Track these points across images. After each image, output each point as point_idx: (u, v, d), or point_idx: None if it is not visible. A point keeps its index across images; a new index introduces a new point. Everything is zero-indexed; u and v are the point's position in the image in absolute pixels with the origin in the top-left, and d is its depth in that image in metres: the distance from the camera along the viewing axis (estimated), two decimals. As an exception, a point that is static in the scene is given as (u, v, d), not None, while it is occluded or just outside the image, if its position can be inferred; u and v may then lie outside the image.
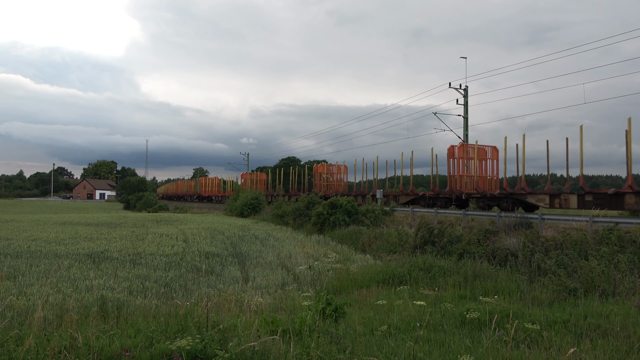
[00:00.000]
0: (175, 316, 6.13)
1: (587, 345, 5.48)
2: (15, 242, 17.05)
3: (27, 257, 13.68)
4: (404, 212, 24.83)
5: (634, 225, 13.84)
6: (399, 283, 10.24)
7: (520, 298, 8.55)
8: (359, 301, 8.85)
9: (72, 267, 12.28)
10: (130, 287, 10.12)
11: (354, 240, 19.42)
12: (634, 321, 6.36)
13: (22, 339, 5.00)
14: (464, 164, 25.23)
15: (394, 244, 16.11)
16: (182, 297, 9.39)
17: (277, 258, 15.59)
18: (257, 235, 22.07)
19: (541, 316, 6.73)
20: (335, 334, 5.36)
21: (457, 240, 14.41)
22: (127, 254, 14.77)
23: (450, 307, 7.20)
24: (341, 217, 23.51)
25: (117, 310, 7.34)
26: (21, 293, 9.03)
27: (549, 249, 12.08)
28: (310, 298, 7.79)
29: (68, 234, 20.19)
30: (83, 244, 16.78)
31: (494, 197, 22.53)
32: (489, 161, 25.56)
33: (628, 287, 8.58)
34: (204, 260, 14.55)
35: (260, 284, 11.46)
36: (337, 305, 6.04)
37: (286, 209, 30.29)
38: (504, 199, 21.93)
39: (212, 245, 17.95)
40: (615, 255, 10.26)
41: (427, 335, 5.93)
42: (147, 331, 5.30)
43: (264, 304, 8.78)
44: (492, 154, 25.61)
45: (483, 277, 10.06)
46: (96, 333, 5.14)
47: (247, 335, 5.15)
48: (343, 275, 11.61)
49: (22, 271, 11.53)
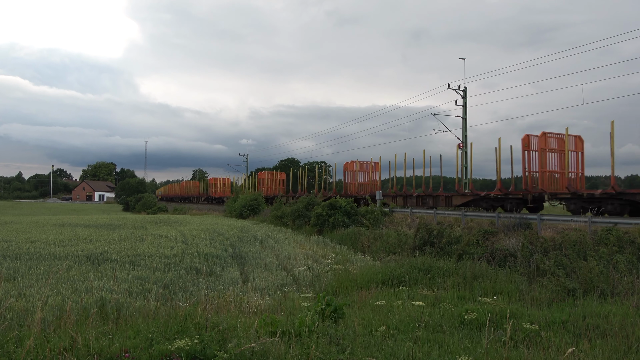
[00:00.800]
0: (175, 317, 6.13)
1: (585, 345, 5.49)
2: (14, 243, 17.04)
3: (26, 259, 13.67)
4: (403, 213, 24.81)
5: (632, 225, 13.87)
6: (398, 284, 10.25)
7: (519, 298, 8.57)
8: (358, 302, 8.86)
9: (72, 269, 12.28)
10: (130, 289, 10.12)
11: (354, 241, 19.43)
12: (632, 321, 6.37)
13: (22, 340, 5.00)
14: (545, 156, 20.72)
15: (393, 244, 16.12)
16: (181, 299, 9.40)
17: (277, 259, 15.59)
18: (256, 237, 22.07)
19: (540, 316, 6.74)
20: (335, 334, 5.37)
21: (456, 241, 14.42)
22: (126, 256, 14.76)
23: (449, 308, 7.21)
24: (340, 218, 23.52)
25: (117, 311, 7.34)
26: (20, 295, 9.03)
27: (548, 250, 12.10)
28: (310, 299, 7.80)
29: (67, 236, 20.17)
30: (82, 246, 16.77)
31: (593, 198, 18.32)
32: (572, 154, 20.74)
33: (627, 288, 8.60)
34: (204, 262, 14.55)
35: (260, 285, 11.46)
36: (336, 306, 6.05)
37: (285, 210, 30.31)
38: (608, 200, 17.79)
39: (211, 246, 17.94)
40: (614, 256, 10.27)
41: (426, 336, 5.94)
42: (147, 332, 5.30)
43: (263, 305, 8.79)
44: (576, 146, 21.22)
45: (482, 278, 10.07)
46: (96, 334, 5.14)
47: (246, 336, 5.16)
48: (342, 276, 11.62)
49: (21, 273, 11.53)
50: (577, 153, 21.21)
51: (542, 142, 20.77)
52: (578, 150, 21.26)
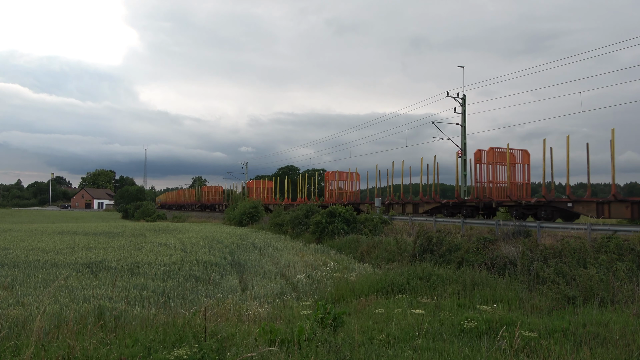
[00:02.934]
0: (173, 326, 6.11)
1: (586, 353, 5.47)
2: (12, 251, 16.99)
3: (25, 267, 13.62)
4: (402, 221, 24.81)
5: (632, 233, 13.86)
6: (397, 292, 10.22)
7: (519, 306, 8.54)
8: (358, 310, 8.83)
9: (70, 277, 12.23)
10: (129, 297, 10.07)
11: (353, 249, 19.39)
12: (632, 329, 6.35)
13: (20, 349, 4.97)
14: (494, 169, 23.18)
15: (393, 252, 16.08)
16: (180, 307, 9.35)
17: (276, 267, 15.55)
18: (255, 244, 22.02)
19: (540, 324, 6.71)
20: (334, 343, 5.35)
21: (456, 249, 14.40)
22: (125, 264, 14.72)
23: (449, 316, 7.18)
24: (340, 226, 23.49)
25: (115, 320, 7.30)
26: (18, 303, 8.98)
27: (548, 257, 12.08)
28: (309, 307, 7.78)
29: (66, 244, 20.12)
30: (81, 254, 16.72)
31: (530, 206, 20.64)
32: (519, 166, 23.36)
33: (627, 295, 8.58)
34: (203, 270, 14.51)
35: (259, 293, 11.42)
36: (335, 314, 6.03)
37: (285, 218, 30.27)
38: (542, 208, 20.04)
39: (210, 254, 17.90)
40: (614, 264, 10.26)
41: (425, 344, 5.91)
42: (145, 341, 5.28)
43: (262, 313, 8.75)
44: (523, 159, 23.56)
45: (482, 286, 10.05)
46: (94, 343, 5.12)
47: (245, 345, 5.14)
48: (342, 284, 11.58)
49: (19, 281, 11.49)
50: (523, 165, 23.68)
51: (490, 156, 23.18)
52: (525, 163, 23.70)
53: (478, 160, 23.21)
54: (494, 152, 23.37)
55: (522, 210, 21.01)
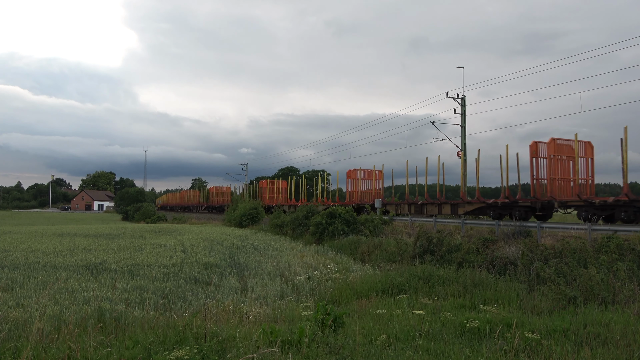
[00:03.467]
0: (174, 327, 6.10)
1: (587, 354, 5.46)
2: (12, 253, 16.98)
3: (25, 269, 13.61)
4: (402, 222, 24.78)
5: (632, 233, 13.86)
6: (398, 292, 10.22)
7: (519, 307, 8.53)
8: (358, 311, 8.82)
9: (70, 279, 12.22)
10: (129, 299, 10.07)
11: (353, 250, 19.38)
12: (633, 329, 6.35)
13: (20, 351, 4.96)
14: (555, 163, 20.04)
15: (393, 253, 16.08)
16: (180, 308, 9.35)
17: (276, 268, 15.54)
18: (255, 246, 22.01)
19: (541, 325, 6.71)
20: (335, 344, 5.34)
21: (456, 249, 14.39)
22: (125, 265, 14.70)
23: (450, 317, 7.18)
24: (340, 227, 23.49)
25: (115, 321, 7.30)
26: (18, 305, 8.98)
27: (548, 258, 12.07)
28: (310, 308, 7.77)
29: (66, 246, 20.11)
30: (81, 255, 16.71)
31: (605, 206, 17.62)
32: (581, 160, 19.98)
33: (627, 295, 8.57)
34: (203, 271, 14.49)
35: (259, 295, 11.41)
36: (336, 315, 6.02)
37: (285, 219, 30.27)
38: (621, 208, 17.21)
39: (210, 255, 17.89)
40: (614, 264, 10.25)
41: (426, 345, 5.91)
42: (145, 342, 5.27)
43: (262, 314, 8.74)
44: (586, 152, 20.48)
45: (482, 286, 10.04)
46: (94, 345, 5.11)
47: (246, 346, 5.13)
48: (342, 285, 11.58)
49: (19, 283, 11.48)
50: (587, 159, 20.53)
51: (550, 148, 20.21)
52: (588, 157, 20.58)
53: (534, 154, 20.15)
54: (555, 144, 20.30)
55: (593, 210, 18.09)
